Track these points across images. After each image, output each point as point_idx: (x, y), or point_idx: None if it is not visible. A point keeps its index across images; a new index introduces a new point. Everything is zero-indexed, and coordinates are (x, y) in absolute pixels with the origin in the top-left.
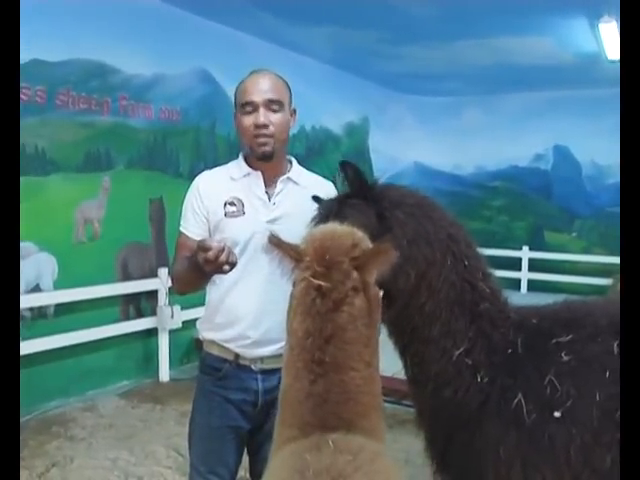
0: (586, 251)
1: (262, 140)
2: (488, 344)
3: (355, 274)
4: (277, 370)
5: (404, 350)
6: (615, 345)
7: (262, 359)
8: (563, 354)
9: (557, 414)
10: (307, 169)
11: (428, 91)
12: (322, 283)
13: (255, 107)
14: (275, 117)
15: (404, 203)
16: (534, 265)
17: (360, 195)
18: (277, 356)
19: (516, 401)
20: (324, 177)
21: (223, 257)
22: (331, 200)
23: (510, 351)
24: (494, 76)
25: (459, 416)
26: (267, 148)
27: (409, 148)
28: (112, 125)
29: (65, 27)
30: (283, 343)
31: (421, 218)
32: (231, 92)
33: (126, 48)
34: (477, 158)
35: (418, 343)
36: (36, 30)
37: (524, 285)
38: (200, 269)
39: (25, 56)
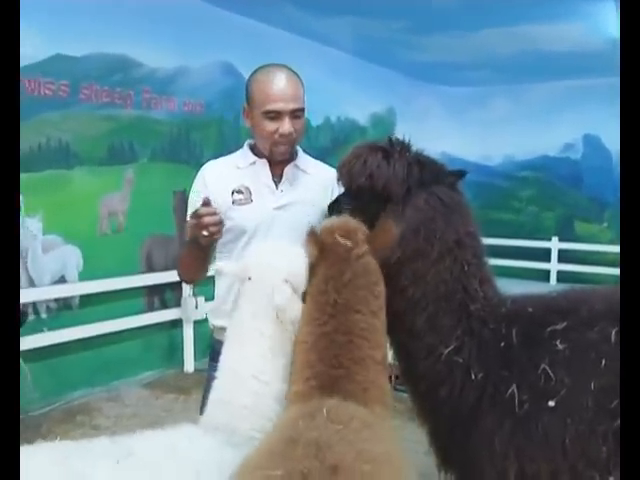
0: (616, 242)
1: (283, 148)
2: (478, 341)
3: (364, 245)
4: None
5: (391, 341)
6: (613, 333)
7: None
8: (558, 342)
9: (551, 403)
10: (333, 161)
11: (455, 81)
12: (348, 242)
13: (280, 116)
14: (298, 124)
15: (432, 192)
16: (564, 256)
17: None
18: None
19: (510, 392)
20: None
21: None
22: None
23: (503, 344)
24: (522, 65)
25: (457, 413)
26: (286, 155)
27: (436, 139)
28: (135, 118)
29: (88, 21)
30: None
31: (438, 215)
32: None
33: (148, 41)
34: (505, 148)
35: (402, 334)
36: (59, 25)
37: (553, 276)
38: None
39: (48, 51)
